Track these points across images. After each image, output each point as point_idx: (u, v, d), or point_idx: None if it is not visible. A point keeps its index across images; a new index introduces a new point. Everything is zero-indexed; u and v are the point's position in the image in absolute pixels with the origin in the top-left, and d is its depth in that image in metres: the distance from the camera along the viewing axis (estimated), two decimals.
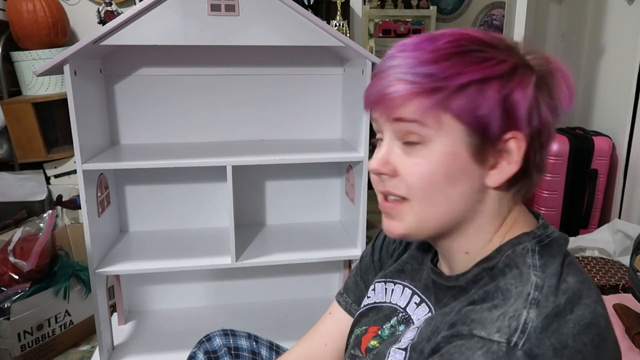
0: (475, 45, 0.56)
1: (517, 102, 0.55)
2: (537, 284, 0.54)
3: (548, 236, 0.60)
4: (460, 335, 0.53)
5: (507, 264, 0.57)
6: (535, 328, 0.50)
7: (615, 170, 2.19)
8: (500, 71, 0.55)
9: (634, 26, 2.09)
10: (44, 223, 1.78)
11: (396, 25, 3.98)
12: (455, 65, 0.55)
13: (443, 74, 0.55)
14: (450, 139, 0.56)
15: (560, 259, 0.57)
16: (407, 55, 0.57)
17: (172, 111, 1.54)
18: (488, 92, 0.54)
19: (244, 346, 1.02)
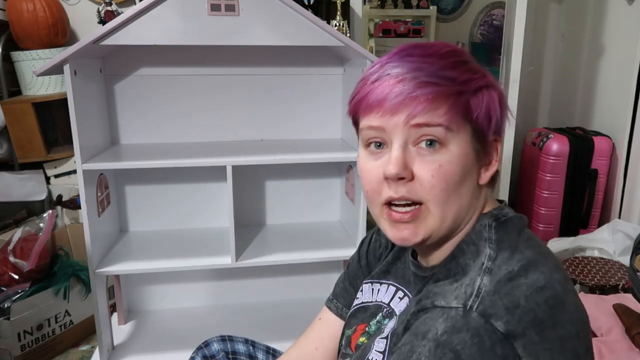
0: (464, 57, 0.62)
1: (504, 108, 0.63)
2: (491, 255, 0.58)
3: (504, 215, 0.64)
4: (425, 309, 0.57)
5: (466, 241, 0.62)
6: (488, 292, 0.54)
7: (615, 170, 2.19)
8: (491, 80, 0.63)
9: (634, 26, 2.09)
10: (44, 223, 1.78)
11: (396, 25, 3.98)
12: (465, 72, 0.60)
13: (462, 79, 0.59)
14: (462, 140, 0.60)
15: (516, 234, 0.62)
16: (423, 60, 0.58)
17: (172, 111, 1.54)
18: (494, 97, 0.62)
19: (242, 350, 1.04)
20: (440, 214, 0.60)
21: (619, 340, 1.33)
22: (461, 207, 0.62)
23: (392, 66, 0.59)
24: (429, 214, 0.60)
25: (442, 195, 0.59)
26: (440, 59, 0.59)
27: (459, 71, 0.59)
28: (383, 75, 0.59)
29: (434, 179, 0.59)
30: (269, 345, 1.08)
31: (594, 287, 1.69)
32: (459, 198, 0.61)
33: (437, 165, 0.58)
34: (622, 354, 1.28)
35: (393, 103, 0.58)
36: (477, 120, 0.60)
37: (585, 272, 1.76)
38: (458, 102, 0.58)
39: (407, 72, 0.58)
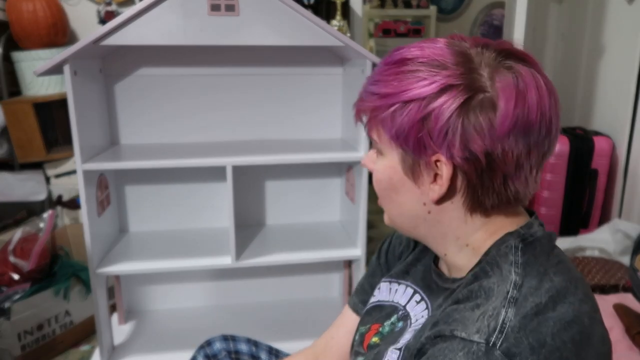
0: (422, 64, 0.58)
1: (434, 125, 0.56)
2: (516, 282, 0.55)
3: (532, 235, 0.61)
4: (442, 336, 0.54)
5: (490, 263, 0.59)
6: (513, 327, 0.51)
7: (615, 170, 2.19)
8: (426, 92, 0.56)
9: (634, 26, 2.09)
10: (44, 223, 1.78)
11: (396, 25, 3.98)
12: (392, 85, 0.59)
13: (383, 93, 0.59)
14: (391, 153, 0.62)
15: (544, 257, 0.59)
16: (377, 72, 0.62)
17: (172, 111, 1.54)
18: (406, 113, 0.57)
19: (244, 350, 1.04)
20: (387, 212, 0.68)
21: (619, 340, 1.33)
22: (402, 214, 0.65)
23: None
24: (384, 207, 0.68)
25: (379, 197, 0.68)
26: (379, 72, 0.61)
27: (389, 84, 0.59)
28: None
29: (373, 180, 0.67)
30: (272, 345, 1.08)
31: (594, 287, 1.69)
32: (395, 205, 0.65)
33: (374, 170, 0.66)
34: (622, 354, 1.28)
35: (354, 111, 0.66)
36: (393, 134, 0.59)
37: (585, 272, 1.76)
38: (373, 115, 0.61)
39: (364, 84, 0.64)
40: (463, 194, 0.60)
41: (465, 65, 0.56)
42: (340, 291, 1.76)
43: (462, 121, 0.55)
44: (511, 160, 0.57)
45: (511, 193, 0.59)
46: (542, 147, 0.59)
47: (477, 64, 0.57)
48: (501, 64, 0.57)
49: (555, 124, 0.60)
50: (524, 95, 0.56)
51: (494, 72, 0.56)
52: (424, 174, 0.60)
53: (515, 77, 0.56)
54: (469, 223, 0.62)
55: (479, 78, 0.56)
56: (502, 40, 0.61)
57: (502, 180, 0.58)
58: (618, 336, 1.35)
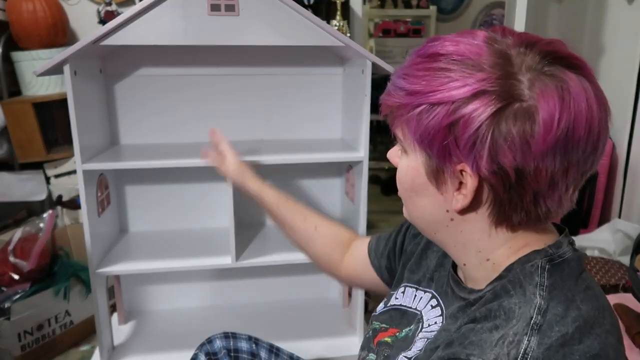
0: (451, 62, 0.52)
1: (461, 133, 0.51)
2: (541, 306, 0.51)
3: (560, 255, 0.56)
4: (457, 359, 0.51)
5: (512, 281, 0.55)
6: (535, 359, 0.48)
7: (615, 170, 2.19)
8: (457, 96, 0.51)
9: (634, 26, 2.09)
10: (44, 223, 1.78)
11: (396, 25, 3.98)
12: (421, 83, 0.53)
13: (412, 90, 0.54)
14: (415, 154, 0.58)
15: (572, 281, 0.55)
16: (408, 64, 0.57)
17: (172, 111, 1.54)
18: (435, 117, 0.52)
19: (244, 348, 1.03)
20: (407, 210, 0.65)
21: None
22: (422, 217, 0.62)
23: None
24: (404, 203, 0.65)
25: (402, 194, 0.64)
26: (420, 62, 0.55)
27: (419, 81, 0.53)
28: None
29: (397, 176, 0.63)
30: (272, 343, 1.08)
31: None
32: (416, 207, 0.62)
33: (399, 168, 0.62)
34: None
35: (380, 105, 0.61)
36: (418, 135, 0.55)
37: None
38: (400, 113, 0.56)
39: (391, 76, 0.59)
40: (489, 207, 0.55)
41: (503, 69, 0.51)
42: (340, 291, 1.76)
43: (493, 132, 0.50)
44: (544, 179, 0.51)
45: (541, 211, 0.54)
46: (584, 166, 0.53)
47: (517, 67, 0.51)
48: (545, 69, 0.51)
49: (603, 141, 0.53)
50: (569, 108, 0.49)
51: (535, 78, 0.50)
52: (448, 181, 0.56)
53: (560, 87, 0.50)
54: (492, 237, 0.58)
55: (517, 84, 0.50)
56: (552, 40, 0.54)
57: (532, 197, 0.53)
58: None
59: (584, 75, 0.53)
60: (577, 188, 0.55)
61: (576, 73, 0.52)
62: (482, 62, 0.51)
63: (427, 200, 0.59)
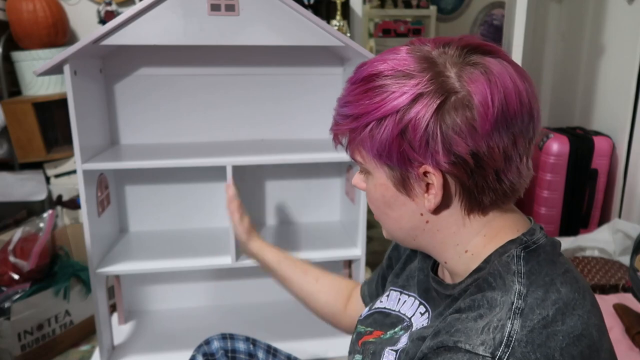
0: (384, 79, 0.57)
1: (413, 137, 0.55)
2: (521, 291, 0.54)
3: (534, 242, 0.59)
4: (445, 347, 0.53)
5: (492, 273, 0.57)
6: (519, 341, 0.50)
7: (615, 170, 2.19)
8: (398, 106, 0.55)
9: (634, 26, 2.09)
10: (44, 223, 1.78)
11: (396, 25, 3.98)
12: (363, 104, 0.58)
13: (355, 114, 0.58)
14: (377, 171, 0.61)
15: (549, 266, 0.57)
16: (346, 93, 0.61)
17: (172, 111, 1.54)
18: (383, 130, 0.56)
19: (242, 349, 1.04)
20: (385, 228, 0.68)
21: (619, 340, 1.33)
22: (401, 228, 0.64)
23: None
24: (381, 223, 0.68)
25: (376, 215, 0.67)
26: (356, 87, 0.59)
27: (360, 103, 0.58)
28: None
29: (367, 199, 0.67)
30: (270, 344, 1.08)
31: (594, 287, 1.68)
32: (392, 219, 0.64)
33: (366, 189, 0.66)
34: (622, 354, 1.28)
35: (332, 137, 0.66)
36: (375, 153, 0.58)
37: (585, 272, 1.76)
38: (352, 137, 0.60)
39: (335, 108, 0.64)
40: (459, 198, 0.59)
41: (431, 70, 0.55)
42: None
43: (440, 126, 0.54)
44: (499, 155, 0.55)
45: (506, 186, 0.58)
46: (527, 134, 0.57)
47: (442, 65, 0.56)
48: (466, 60, 0.56)
49: (536, 108, 0.58)
50: (497, 87, 0.54)
51: (461, 70, 0.55)
52: (415, 186, 0.59)
53: (484, 71, 0.55)
54: (467, 227, 0.61)
55: (447, 80, 0.55)
56: (463, 36, 0.59)
57: (494, 175, 0.57)
58: (618, 336, 1.35)
59: (501, 57, 0.58)
60: (529, 156, 0.60)
61: (493, 57, 0.57)
62: (411, 69, 0.56)
63: (401, 210, 0.62)
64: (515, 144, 0.56)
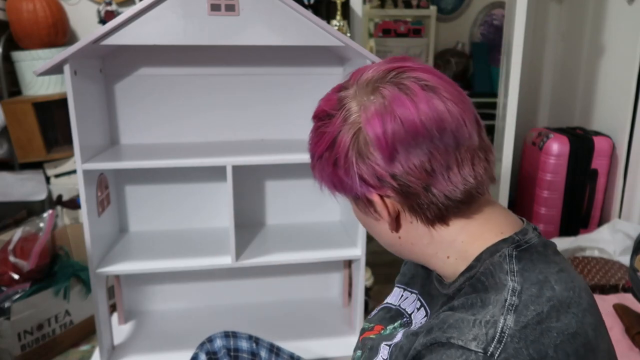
0: (316, 121, 0.62)
1: (343, 171, 0.59)
2: (514, 288, 0.53)
3: (527, 242, 0.58)
4: (439, 343, 0.53)
5: (484, 273, 0.57)
6: (512, 337, 0.49)
7: (615, 170, 2.19)
8: (324, 146, 0.60)
9: (634, 26, 2.09)
10: (44, 223, 1.78)
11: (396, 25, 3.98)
12: (312, 145, 0.63)
13: (310, 150, 0.64)
14: (348, 197, 0.65)
15: (543, 265, 0.56)
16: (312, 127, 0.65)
17: (172, 111, 1.54)
18: (324, 167, 0.61)
19: (244, 348, 1.04)
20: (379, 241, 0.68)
21: (619, 340, 1.33)
22: (386, 244, 0.67)
23: None
24: None
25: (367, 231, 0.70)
26: (313, 124, 0.64)
27: (310, 142, 0.64)
28: None
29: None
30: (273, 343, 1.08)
31: (594, 287, 1.69)
32: (377, 237, 0.67)
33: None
34: (622, 354, 1.28)
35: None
36: (328, 184, 0.63)
37: (585, 272, 1.76)
38: (314, 172, 0.65)
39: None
40: (410, 215, 0.60)
41: (343, 109, 0.58)
42: (340, 291, 1.76)
43: (358, 156, 0.57)
44: (418, 173, 0.55)
45: (444, 198, 0.57)
46: (450, 144, 0.55)
47: (348, 101, 0.58)
48: (367, 92, 0.57)
49: (456, 118, 0.55)
50: (391, 115, 0.55)
51: (360, 104, 0.57)
52: (370, 209, 0.61)
53: (376, 100, 0.56)
54: (436, 237, 0.61)
55: (352, 116, 0.57)
56: (381, 62, 0.60)
57: (425, 191, 0.56)
58: (618, 336, 1.35)
59: (410, 73, 0.57)
60: (466, 162, 0.56)
61: (393, 83, 0.57)
62: (332, 110, 0.60)
63: (376, 229, 0.66)
64: (434, 158, 0.55)
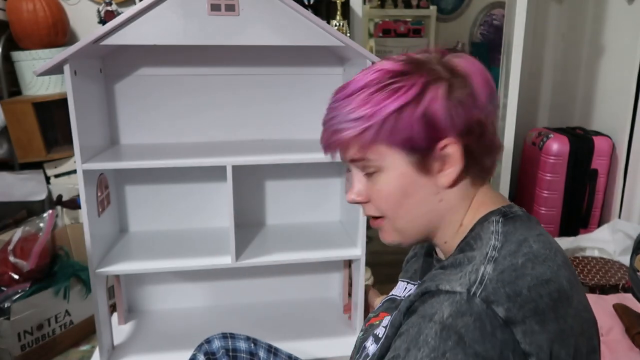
0: (388, 79, 0.64)
1: (434, 116, 0.62)
2: (495, 245, 0.61)
3: (512, 212, 0.66)
4: (429, 292, 0.60)
5: (474, 237, 0.65)
6: (491, 279, 0.57)
7: (615, 170, 2.19)
8: (412, 95, 0.62)
9: (634, 26, 2.09)
10: (44, 223, 1.78)
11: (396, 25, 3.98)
12: (375, 104, 0.63)
13: (368, 114, 0.64)
14: (395, 162, 0.65)
15: (525, 230, 0.64)
16: (339, 106, 0.67)
17: (172, 111, 1.54)
18: (404, 118, 0.63)
19: (242, 348, 1.04)
20: (399, 225, 0.69)
21: (619, 340, 1.33)
22: (417, 216, 0.68)
23: (326, 113, 0.71)
24: (390, 225, 0.70)
25: (390, 212, 0.68)
26: (354, 98, 0.65)
27: (369, 105, 0.63)
28: (323, 122, 0.71)
29: (378, 200, 0.69)
30: (271, 344, 1.08)
31: (594, 287, 1.69)
32: (411, 209, 0.67)
33: (377, 189, 0.68)
34: (622, 353, 1.28)
35: (326, 147, 0.71)
36: (395, 142, 0.64)
37: (585, 272, 1.76)
38: (365, 137, 0.65)
39: (327, 121, 0.69)
40: (468, 167, 0.66)
41: (422, 67, 0.64)
42: (340, 291, 1.76)
43: (452, 104, 0.63)
44: (491, 121, 0.66)
45: (494, 147, 0.68)
46: (496, 110, 0.68)
47: (428, 64, 0.65)
48: (445, 58, 0.67)
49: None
50: (482, 71, 0.66)
51: (446, 64, 0.66)
52: (434, 164, 0.65)
53: (466, 61, 0.67)
54: (465, 199, 0.68)
55: (441, 70, 0.64)
56: (429, 48, 0.70)
57: (489, 137, 0.66)
58: (618, 336, 1.35)
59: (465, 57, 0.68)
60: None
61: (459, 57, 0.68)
62: (407, 70, 0.64)
63: (418, 196, 0.67)
64: (496, 115, 0.67)
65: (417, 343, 0.56)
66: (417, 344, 0.56)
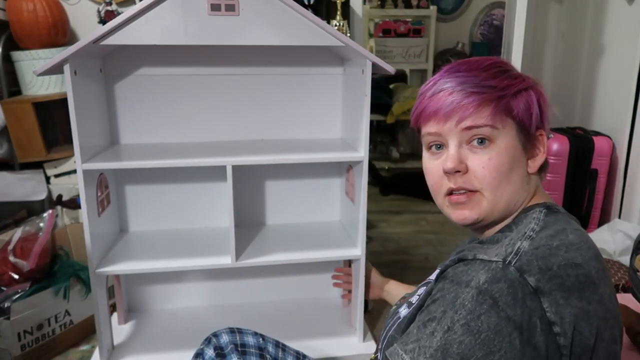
0: (505, 67, 0.74)
1: (544, 105, 0.73)
2: (534, 228, 0.67)
3: (556, 207, 0.73)
4: (464, 259, 0.65)
5: (516, 222, 0.71)
6: (526, 252, 0.62)
7: (615, 170, 2.19)
8: (531, 82, 0.73)
9: (634, 26, 2.09)
10: (44, 223, 1.78)
11: (396, 24, 3.98)
12: (505, 79, 0.71)
13: (501, 85, 0.70)
14: (508, 135, 0.71)
15: (565, 222, 0.69)
16: (468, 75, 0.71)
17: (172, 111, 1.54)
18: (532, 97, 0.72)
19: (251, 343, 1.04)
20: (493, 199, 0.71)
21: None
22: (513, 192, 0.72)
23: (443, 82, 0.72)
24: (483, 199, 0.72)
25: (494, 183, 0.71)
26: (483, 71, 0.71)
27: (499, 79, 0.71)
28: (437, 91, 0.72)
29: (485, 169, 0.70)
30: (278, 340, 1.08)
31: None
32: (510, 184, 0.71)
33: (487, 158, 0.70)
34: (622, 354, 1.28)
35: (445, 112, 0.71)
36: (518, 117, 0.71)
37: None
38: (499, 104, 0.70)
39: (456, 86, 0.71)
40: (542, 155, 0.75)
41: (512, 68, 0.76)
42: (340, 291, 1.76)
43: (548, 104, 0.74)
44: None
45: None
46: None
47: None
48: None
49: None
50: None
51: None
52: (531, 149, 0.73)
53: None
54: (533, 188, 0.75)
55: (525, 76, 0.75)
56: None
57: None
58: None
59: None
60: None
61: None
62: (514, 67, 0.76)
63: (517, 172, 0.72)
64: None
65: (454, 306, 0.61)
66: (454, 307, 0.61)
